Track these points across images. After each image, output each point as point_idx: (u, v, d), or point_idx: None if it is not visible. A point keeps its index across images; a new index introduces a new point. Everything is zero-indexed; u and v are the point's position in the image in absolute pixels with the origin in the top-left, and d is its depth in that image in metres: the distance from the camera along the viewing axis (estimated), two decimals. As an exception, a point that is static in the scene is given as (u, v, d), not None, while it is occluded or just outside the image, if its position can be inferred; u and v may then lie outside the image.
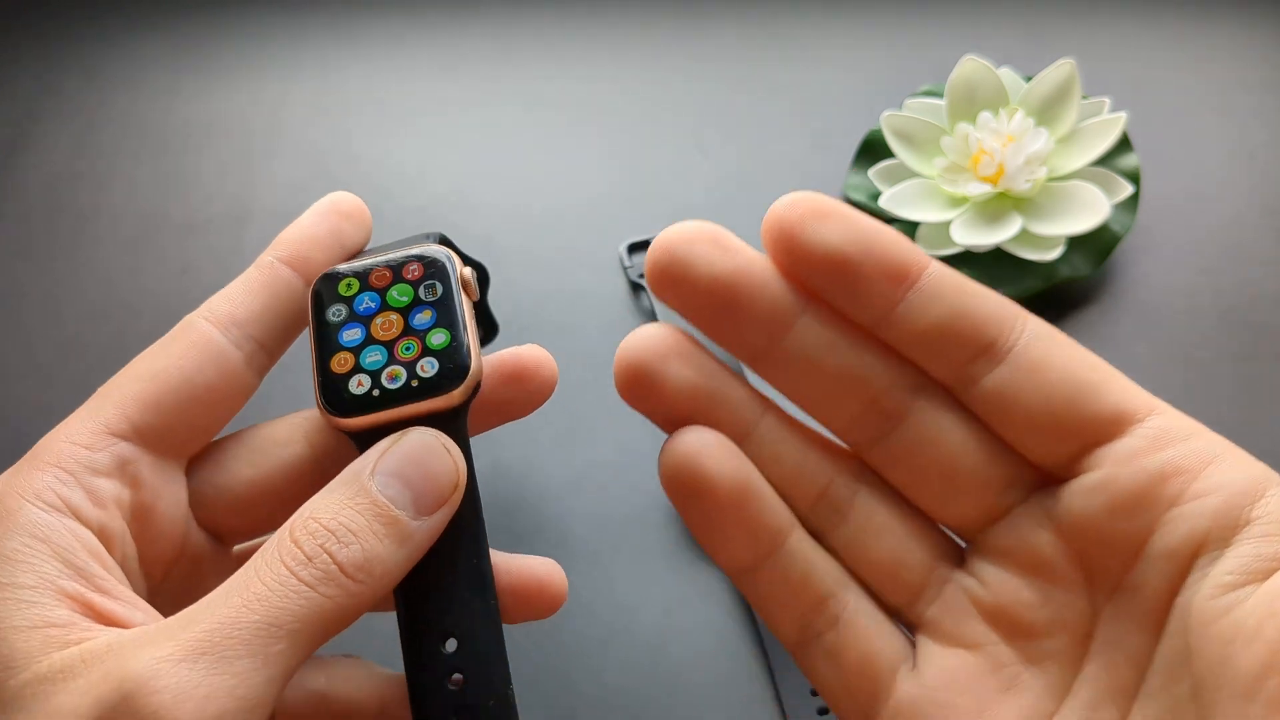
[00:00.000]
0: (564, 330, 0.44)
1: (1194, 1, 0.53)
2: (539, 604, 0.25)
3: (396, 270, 0.23)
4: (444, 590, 0.22)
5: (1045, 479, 0.21)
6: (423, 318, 0.23)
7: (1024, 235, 0.43)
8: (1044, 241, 0.43)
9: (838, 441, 0.23)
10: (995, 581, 0.21)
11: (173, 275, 0.46)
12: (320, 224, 0.24)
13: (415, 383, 0.22)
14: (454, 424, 0.22)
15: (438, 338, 0.23)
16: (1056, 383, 0.20)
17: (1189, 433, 0.20)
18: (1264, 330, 0.43)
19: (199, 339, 0.23)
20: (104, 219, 0.48)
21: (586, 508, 0.39)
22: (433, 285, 0.23)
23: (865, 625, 0.22)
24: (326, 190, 0.49)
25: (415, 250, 0.24)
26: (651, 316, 0.43)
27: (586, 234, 0.46)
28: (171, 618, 0.19)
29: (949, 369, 0.21)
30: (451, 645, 0.22)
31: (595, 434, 0.41)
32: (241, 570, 0.20)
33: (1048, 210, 0.44)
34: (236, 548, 0.26)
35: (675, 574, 0.38)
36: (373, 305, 0.23)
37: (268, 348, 0.24)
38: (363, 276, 0.23)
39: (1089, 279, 0.44)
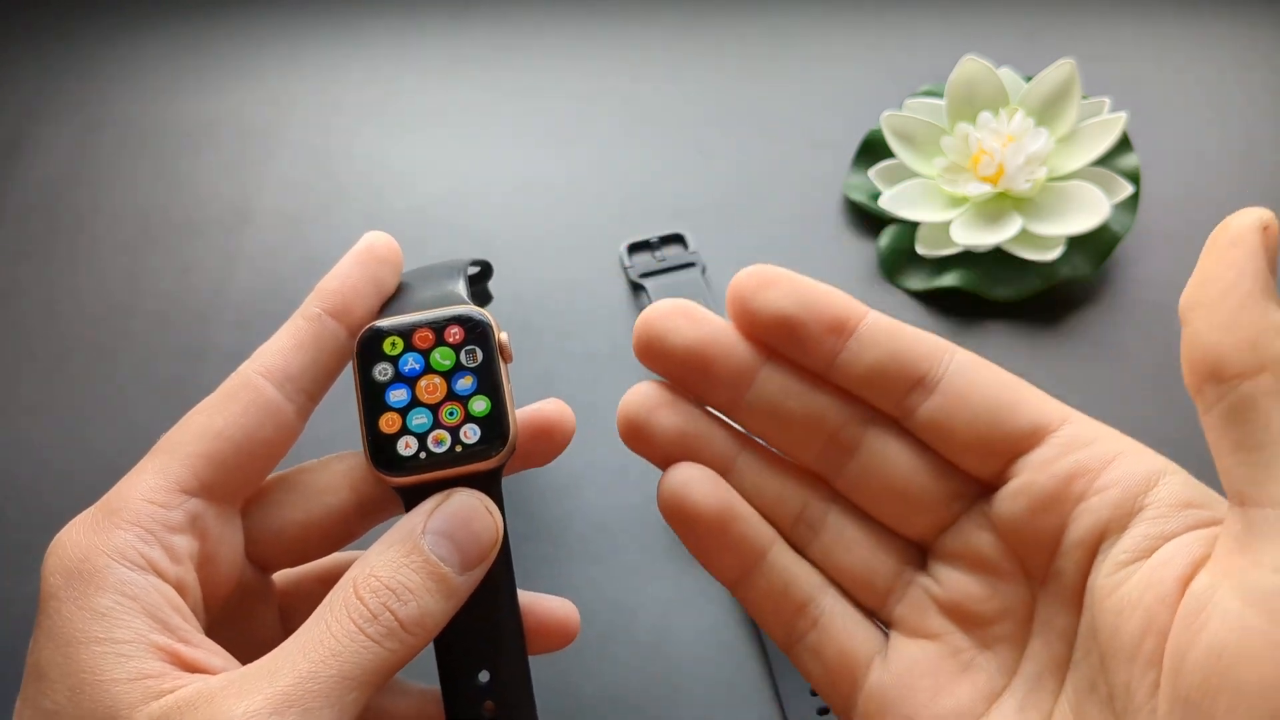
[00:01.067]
0: (564, 331, 0.44)
1: (1194, 2, 0.53)
2: (556, 640, 0.28)
3: (438, 332, 0.25)
4: (479, 628, 0.25)
5: (983, 488, 0.25)
6: (464, 383, 0.25)
7: (1024, 235, 0.43)
8: (1044, 241, 0.43)
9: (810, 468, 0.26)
10: (949, 580, 0.25)
11: (172, 275, 0.46)
12: (360, 273, 0.25)
13: (459, 448, 0.24)
14: (491, 482, 0.25)
15: (479, 405, 0.24)
16: (979, 406, 0.24)
17: (1094, 437, 0.23)
18: (1264, 330, 0.43)
19: (258, 398, 0.24)
20: (103, 219, 0.48)
21: (586, 508, 0.39)
22: (473, 351, 0.25)
23: (841, 625, 0.25)
24: (326, 190, 0.49)
25: (455, 311, 0.25)
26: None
27: (586, 234, 0.47)
28: (252, 667, 0.21)
29: (890, 402, 0.25)
30: (484, 677, 0.25)
31: (595, 434, 0.40)
32: (313, 623, 0.22)
33: (1048, 210, 0.44)
34: (276, 575, 0.28)
35: (675, 574, 0.38)
36: (417, 367, 0.25)
37: (315, 397, 0.25)
38: (406, 336, 0.25)
39: (1089, 279, 0.44)
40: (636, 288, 0.44)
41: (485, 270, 0.34)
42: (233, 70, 0.53)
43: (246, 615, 0.26)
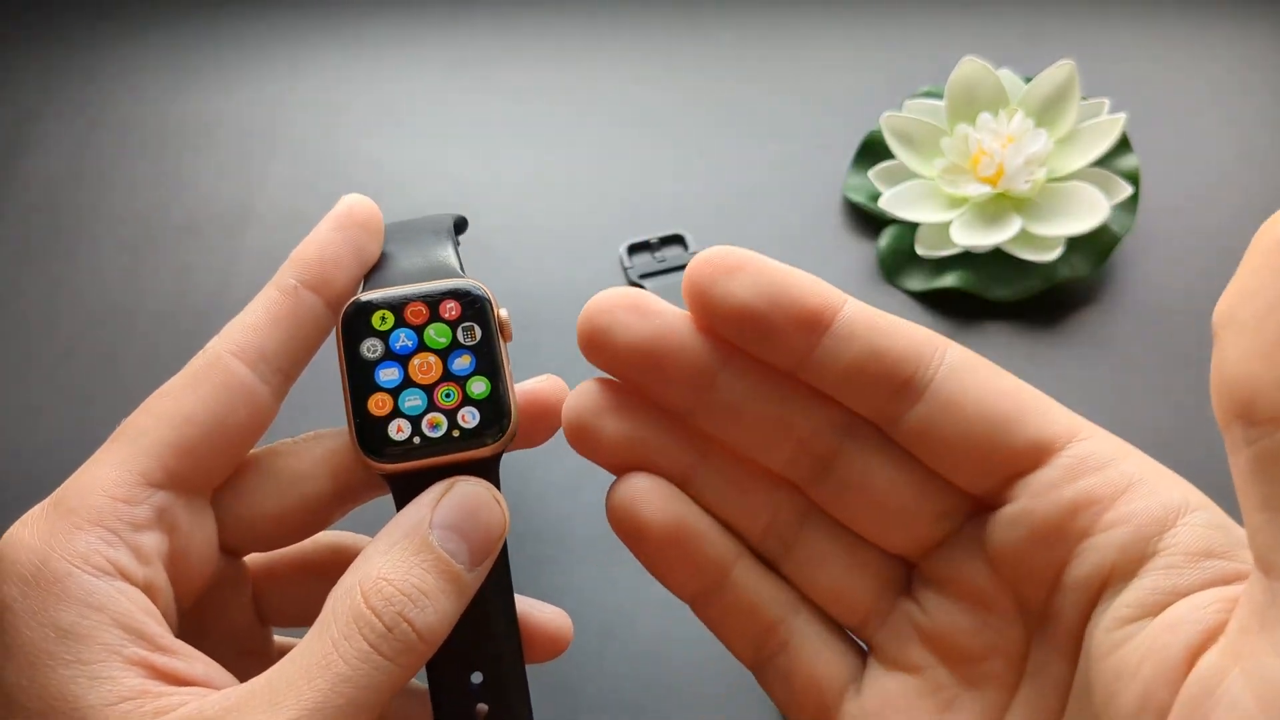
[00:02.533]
0: (564, 330, 0.44)
1: (1194, 3, 0.53)
2: (547, 650, 0.26)
3: (433, 307, 0.23)
4: (474, 627, 0.23)
5: (978, 505, 0.22)
6: (462, 363, 0.23)
7: (1023, 236, 0.43)
8: (1043, 242, 0.43)
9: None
10: (934, 608, 0.22)
11: (172, 275, 0.46)
12: (340, 241, 0.23)
13: (456, 432, 0.22)
14: (490, 469, 0.23)
15: (478, 386, 0.23)
16: (974, 417, 0.20)
17: (1108, 459, 0.20)
18: (1263, 331, 0.43)
19: (230, 379, 0.22)
20: (103, 219, 0.48)
21: (586, 508, 0.39)
22: (471, 328, 0.23)
23: (813, 649, 0.22)
24: (327, 190, 0.49)
25: (451, 285, 0.23)
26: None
27: (586, 234, 0.47)
28: (249, 688, 0.19)
29: (871, 407, 0.21)
30: (478, 678, 0.23)
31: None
32: (317, 639, 0.20)
33: (1047, 211, 0.44)
34: (248, 557, 0.26)
35: (675, 574, 0.38)
36: (409, 344, 0.23)
37: (291, 376, 0.23)
38: (397, 310, 0.23)
39: (1088, 280, 0.44)
40: (637, 288, 0.44)
41: (460, 225, 0.33)
42: (233, 70, 0.53)
43: (218, 604, 0.25)
